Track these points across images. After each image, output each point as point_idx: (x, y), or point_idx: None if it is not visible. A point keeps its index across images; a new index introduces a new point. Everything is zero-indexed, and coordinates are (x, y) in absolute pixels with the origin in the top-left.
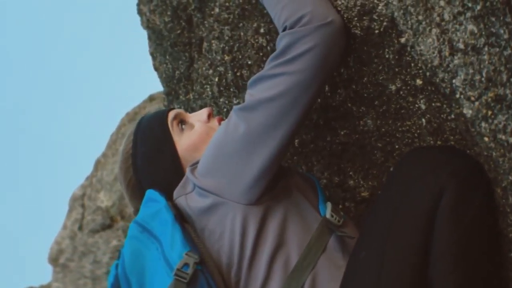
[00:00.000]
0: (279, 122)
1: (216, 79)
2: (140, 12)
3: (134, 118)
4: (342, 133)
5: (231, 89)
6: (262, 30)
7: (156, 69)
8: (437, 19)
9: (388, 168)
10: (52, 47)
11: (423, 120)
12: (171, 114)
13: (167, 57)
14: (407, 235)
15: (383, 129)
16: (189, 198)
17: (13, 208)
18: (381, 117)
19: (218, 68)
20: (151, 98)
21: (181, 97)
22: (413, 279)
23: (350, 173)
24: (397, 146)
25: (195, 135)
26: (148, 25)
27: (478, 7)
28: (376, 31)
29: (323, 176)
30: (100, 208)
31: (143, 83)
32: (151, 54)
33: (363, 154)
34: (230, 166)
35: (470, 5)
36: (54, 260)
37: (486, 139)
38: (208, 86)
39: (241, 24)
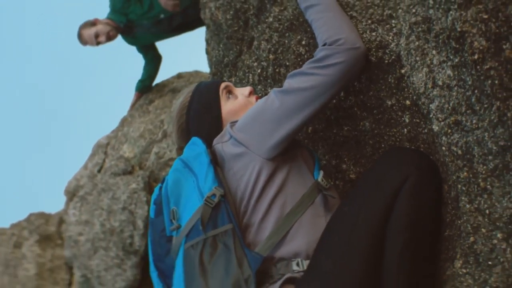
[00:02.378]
0: (303, 108)
1: (259, 71)
2: (204, 5)
3: (162, 89)
4: (345, 129)
5: (268, 81)
6: (303, 42)
7: (207, 53)
8: (428, 62)
9: (374, 160)
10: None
11: (405, 130)
12: (223, 85)
13: (221, 45)
14: (378, 201)
15: (375, 131)
16: (225, 145)
17: (39, 141)
18: (376, 122)
19: (262, 63)
20: (179, 76)
21: (224, 78)
22: (377, 229)
23: (345, 159)
24: (383, 145)
25: (237, 104)
26: (211, 17)
27: (456, 60)
28: (386, 61)
29: (324, 158)
30: (123, 157)
31: (174, 62)
32: (206, 40)
33: (358, 147)
34: (262, 129)
35: (451, 57)
36: (70, 192)
37: (443, 148)
38: (250, 75)
39: (287, 34)
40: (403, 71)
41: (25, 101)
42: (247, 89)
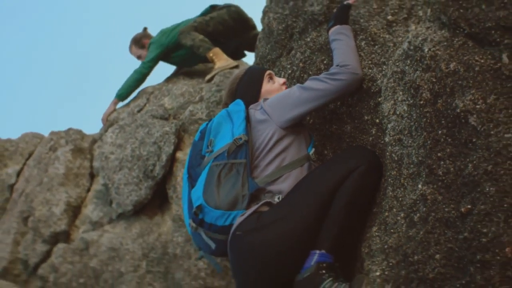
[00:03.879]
0: (312, 101)
1: (289, 72)
2: (265, 13)
3: (208, 66)
4: (334, 127)
5: (294, 80)
6: (325, 62)
7: (256, 48)
8: (395, 97)
9: (339, 141)
10: None
11: (371, 138)
12: (268, 71)
13: (268, 46)
14: (337, 174)
15: (352, 134)
16: (256, 112)
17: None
18: (354, 128)
19: (293, 67)
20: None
21: None
22: (331, 189)
23: (328, 147)
24: (354, 144)
25: (273, 87)
26: (267, 23)
27: (411, 101)
28: (372, 90)
29: (316, 143)
30: (163, 106)
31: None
32: (259, 39)
33: (338, 142)
34: (283, 108)
35: (409, 99)
36: (110, 121)
37: (387, 154)
38: (282, 72)
39: (316, 53)
40: (379, 99)
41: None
42: (282, 80)
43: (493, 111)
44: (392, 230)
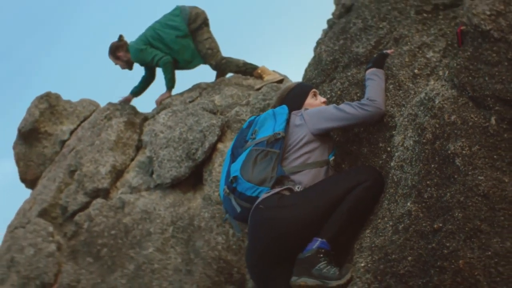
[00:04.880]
0: (340, 120)
1: (328, 96)
2: (318, 44)
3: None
4: (354, 147)
5: (332, 100)
6: (358, 94)
7: (305, 70)
8: (405, 133)
9: (355, 160)
10: None
11: (380, 161)
12: (314, 89)
13: (315, 71)
14: (348, 182)
15: (367, 156)
16: (296, 117)
17: None
18: (369, 151)
19: (332, 93)
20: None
21: None
22: (341, 194)
23: (345, 161)
24: (366, 163)
25: (314, 102)
26: (318, 52)
27: (417, 138)
28: (389, 124)
29: (336, 154)
30: (213, 102)
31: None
32: (309, 64)
33: (354, 160)
34: (317, 119)
35: (416, 136)
36: (163, 105)
37: (390, 175)
38: (322, 95)
39: (352, 86)
40: (394, 132)
41: None
42: (323, 99)
43: (474, 158)
44: (380, 234)
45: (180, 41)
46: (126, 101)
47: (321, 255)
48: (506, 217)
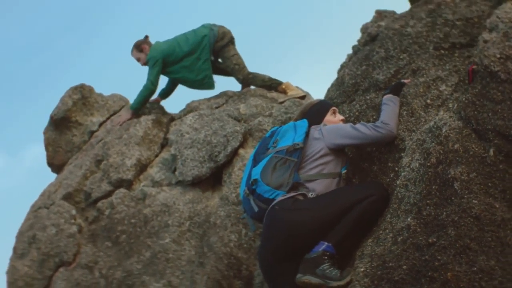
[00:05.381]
0: (355, 139)
1: (346, 116)
2: (342, 67)
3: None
4: (365, 164)
5: (350, 120)
6: (374, 117)
7: (328, 90)
8: (412, 156)
9: (366, 176)
10: None
11: (388, 179)
12: (334, 107)
13: (337, 92)
14: (358, 194)
15: (376, 173)
16: (315, 131)
17: None
18: (379, 169)
19: (350, 113)
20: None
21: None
22: (350, 204)
23: (356, 176)
24: (375, 180)
25: (333, 119)
26: (341, 75)
27: (423, 161)
28: (399, 147)
29: (348, 168)
30: (238, 110)
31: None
32: (332, 85)
33: (365, 175)
34: (335, 135)
35: (421, 159)
36: (192, 107)
37: (395, 192)
38: (341, 115)
39: (370, 109)
40: (402, 154)
41: None
42: (342, 117)
43: (471, 183)
44: (380, 244)
45: (190, 59)
46: (155, 101)
47: (326, 257)
48: (493, 238)
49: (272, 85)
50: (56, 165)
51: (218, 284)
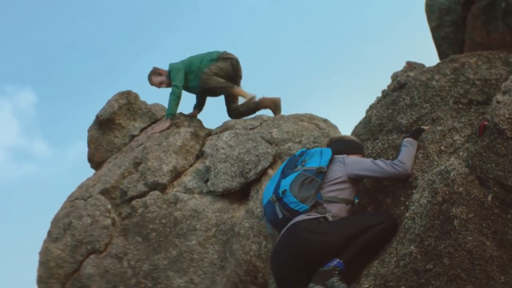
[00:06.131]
0: (373, 172)
1: (369, 151)
2: (371, 107)
3: (312, 120)
4: (380, 196)
5: (372, 155)
6: (393, 156)
7: (356, 126)
8: (422, 193)
9: (379, 206)
10: None
11: (398, 211)
12: (362, 154)
13: (363, 129)
14: (369, 221)
15: (389, 205)
16: (337, 160)
17: None
18: (392, 202)
19: (373, 150)
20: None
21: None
22: (362, 228)
23: (371, 205)
24: (387, 210)
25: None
26: (369, 114)
27: (430, 199)
28: (412, 184)
29: (363, 201)
30: (271, 133)
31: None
32: (360, 122)
33: (379, 205)
34: (355, 166)
35: (430, 197)
36: (228, 126)
37: (403, 223)
38: (365, 150)
39: (391, 148)
40: (414, 191)
41: None
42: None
43: (468, 222)
44: (385, 266)
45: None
46: (192, 116)
47: (336, 272)
48: (481, 271)
49: (227, 88)
50: (95, 162)
51: (235, 286)
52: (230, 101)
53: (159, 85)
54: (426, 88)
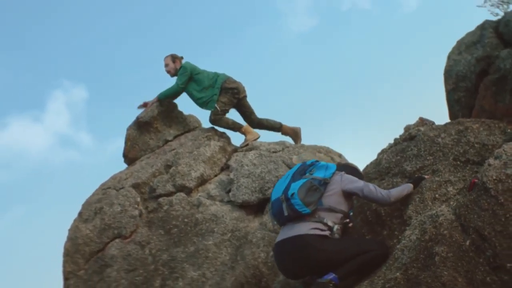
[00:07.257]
0: (362, 191)
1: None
2: (383, 151)
3: (315, 150)
4: (378, 228)
5: (374, 181)
6: (388, 186)
7: (366, 166)
8: (414, 231)
9: (377, 236)
10: None
11: (391, 243)
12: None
13: (373, 169)
14: (363, 246)
15: (385, 237)
16: (337, 175)
17: None
18: (387, 235)
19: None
20: (325, 152)
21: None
22: (357, 251)
23: (369, 235)
24: (382, 241)
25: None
26: (380, 158)
27: (419, 236)
28: (407, 222)
29: (363, 230)
30: (291, 159)
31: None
32: (371, 163)
33: (375, 235)
34: (349, 183)
35: (419, 235)
36: (253, 146)
37: (394, 252)
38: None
39: (397, 177)
40: (407, 228)
41: None
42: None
43: (446, 260)
44: (373, 286)
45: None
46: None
47: (331, 285)
48: None
49: (235, 128)
50: (129, 158)
51: (242, 286)
52: (246, 115)
53: (167, 67)
54: (432, 143)
